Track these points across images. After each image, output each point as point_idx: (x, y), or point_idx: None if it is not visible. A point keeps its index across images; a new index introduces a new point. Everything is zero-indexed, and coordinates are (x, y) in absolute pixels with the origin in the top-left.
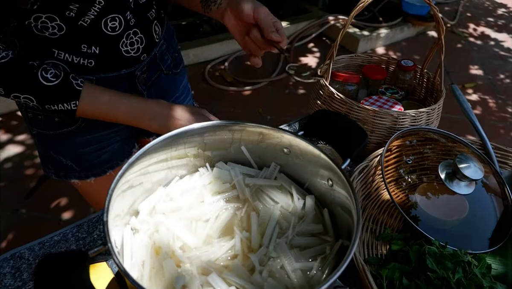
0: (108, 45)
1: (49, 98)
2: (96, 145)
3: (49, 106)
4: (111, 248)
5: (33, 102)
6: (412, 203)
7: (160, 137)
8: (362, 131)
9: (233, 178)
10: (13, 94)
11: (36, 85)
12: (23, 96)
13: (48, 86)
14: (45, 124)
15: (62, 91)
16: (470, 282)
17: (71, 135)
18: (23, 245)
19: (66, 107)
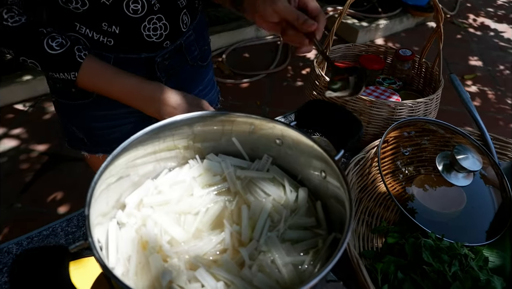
0: (129, 27)
1: (51, 66)
2: (108, 122)
3: (52, 74)
4: (91, 242)
5: (38, 67)
6: (409, 195)
7: (144, 129)
8: (357, 121)
9: (224, 170)
10: (21, 57)
11: (40, 52)
12: (30, 61)
13: (52, 54)
14: (63, 93)
15: (64, 60)
16: (466, 275)
17: (85, 108)
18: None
19: (67, 77)
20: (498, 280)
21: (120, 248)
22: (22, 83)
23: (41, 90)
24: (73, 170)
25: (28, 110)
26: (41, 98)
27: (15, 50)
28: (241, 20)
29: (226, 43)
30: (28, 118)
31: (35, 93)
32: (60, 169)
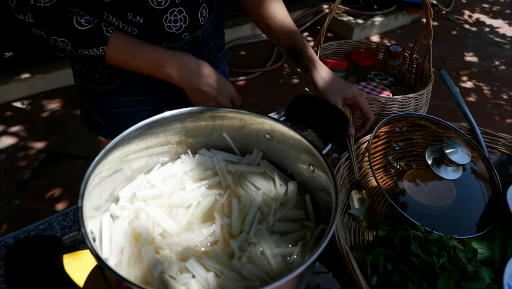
0: (152, 18)
1: (81, 42)
2: (127, 108)
3: (81, 51)
4: (84, 233)
5: (69, 46)
6: (400, 190)
7: (136, 124)
8: (343, 116)
9: (216, 165)
10: (53, 37)
11: (70, 29)
12: (60, 40)
13: (81, 30)
14: (86, 78)
15: (92, 36)
16: (454, 267)
17: (106, 94)
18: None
19: (96, 52)
20: (487, 271)
21: (114, 240)
22: (20, 81)
23: (39, 88)
24: (71, 167)
25: (26, 108)
26: (39, 96)
27: (47, 30)
28: (237, 18)
29: None
30: (26, 116)
31: (33, 91)
32: (58, 166)
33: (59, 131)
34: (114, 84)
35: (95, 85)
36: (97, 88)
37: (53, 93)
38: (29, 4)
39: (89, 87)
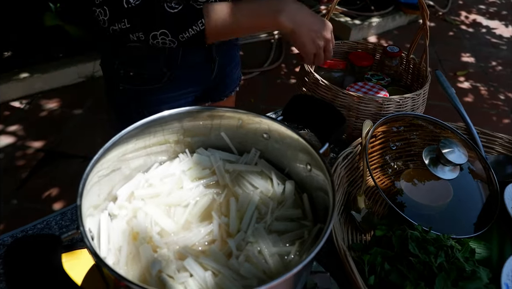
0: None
1: (179, 26)
2: (173, 103)
3: (182, 36)
4: (82, 231)
5: (169, 36)
6: (398, 189)
7: (134, 124)
8: (339, 115)
9: (213, 164)
10: (152, 33)
11: (165, 16)
12: (160, 32)
13: (175, 13)
14: (135, 79)
15: (187, 14)
16: (452, 266)
17: (156, 91)
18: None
19: (196, 30)
20: (484, 271)
21: (112, 238)
22: (19, 81)
23: (37, 87)
24: (68, 166)
25: (25, 107)
26: (38, 95)
27: (145, 29)
28: None
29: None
30: (25, 115)
31: (31, 90)
32: (56, 165)
33: (57, 131)
34: (164, 81)
35: (144, 84)
36: (146, 87)
37: (52, 92)
38: (123, 9)
39: (137, 88)
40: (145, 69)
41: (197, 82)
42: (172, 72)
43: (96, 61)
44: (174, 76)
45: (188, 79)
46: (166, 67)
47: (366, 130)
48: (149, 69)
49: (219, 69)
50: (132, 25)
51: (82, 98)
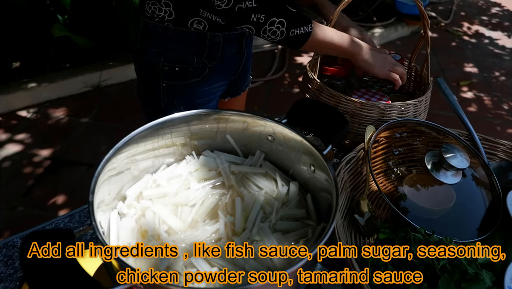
0: None
1: (295, 22)
2: (207, 97)
3: (293, 30)
4: (95, 226)
5: (283, 26)
6: (400, 194)
7: (145, 125)
8: (342, 118)
9: (219, 166)
10: (272, 19)
11: (286, 10)
12: (278, 21)
13: (293, 12)
14: (179, 75)
15: (302, 16)
16: (455, 269)
17: (195, 85)
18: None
19: (306, 30)
20: (487, 274)
21: (121, 236)
22: (26, 90)
23: (44, 97)
24: (74, 174)
25: (32, 116)
26: (45, 104)
27: (267, 12)
28: None
29: None
30: (32, 124)
31: (38, 100)
32: (61, 173)
33: (63, 139)
34: (204, 74)
35: (187, 79)
36: (189, 81)
37: (58, 102)
38: None
39: (181, 83)
40: (190, 63)
41: (229, 74)
42: (212, 64)
43: (102, 71)
44: (213, 69)
45: (223, 71)
46: (207, 59)
47: (369, 135)
48: (194, 62)
49: (244, 62)
50: (259, 5)
51: (88, 107)
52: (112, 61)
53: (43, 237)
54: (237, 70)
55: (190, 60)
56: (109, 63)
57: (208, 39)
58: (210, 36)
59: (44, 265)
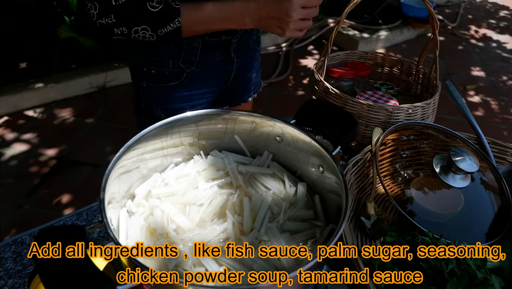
0: None
1: (158, 23)
2: (187, 103)
3: (160, 31)
4: (106, 223)
5: (149, 31)
6: (408, 197)
7: (155, 124)
8: (351, 119)
9: (227, 166)
10: (134, 28)
11: (147, 14)
12: (141, 28)
13: (156, 12)
14: (156, 77)
15: (166, 13)
16: (463, 273)
17: (172, 89)
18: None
19: (173, 26)
20: (497, 279)
21: (130, 234)
22: (33, 90)
23: (51, 97)
24: (79, 174)
25: (38, 116)
26: (51, 105)
27: (128, 24)
28: None
29: None
30: (38, 124)
31: (45, 100)
32: (66, 173)
33: (69, 139)
34: (182, 79)
35: (164, 82)
36: (166, 84)
37: (64, 102)
38: (111, 5)
39: (158, 86)
40: (166, 66)
41: (216, 82)
42: (191, 70)
43: (107, 72)
44: (192, 75)
45: (207, 78)
46: (184, 64)
47: (376, 137)
48: (169, 66)
49: (238, 72)
50: (118, 20)
51: (94, 107)
52: (117, 62)
53: (55, 233)
54: (227, 79)
55: (166, 63)
56: (114, 64)
57: (185, 44)
58: (187, 41)
59: (56, 261)
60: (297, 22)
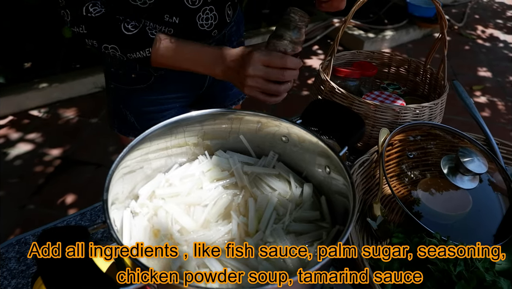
0: (187, 17)
1: (129, 47)
2: (158, 106)
3: (130, 55)
4: (109, 224)
5: (118, 52)
6: (414, 199)
7: (160, 123)
8: (359, 119)
9: (232, 166)
10: (104, 45)
11: (119, 35)
12: (111, 47)
13: (128, 36)
14: (123, 79)
15: (139, 39)
16: (471, 275)
17: (141, 92)
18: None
19: (142, 54)
20: (505, 282)
21: (133, 234)
22: (37, 90)
23: (55, 97)
24: (83, 173)
25: (43, 116)
26: (55, 104)
27: (98, 39)
28: (248, 31)
29: None
30: (43, 123)
31: (49, 100)
32: (70, 172)
33: (73, 139)
34: (149, 83)
35: (131, 84)
36: (133, 87)
37: (69, 102)
38: (82, 16)
39: (125, 88)
40: (133, 69)
41: (188, 87)
42: (159, 74)
43: None
44: (162, 78)
45: (178, 83)
46: (152, 67)
47: (383, 138)
48: (136, 69)
49: (215, 79)
50: (89, 32)
51: (98, 107)
52: None
53: (58, 234)
54: (202, 85)
55: (133, 65)
56: None
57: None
58: None
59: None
60: (257, 80)
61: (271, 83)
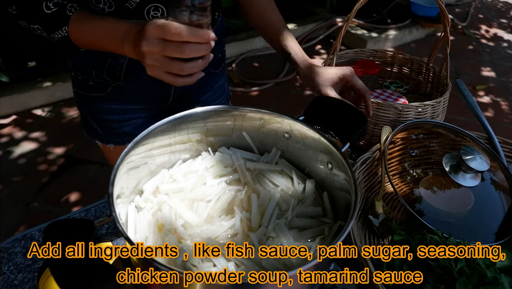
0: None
1: (50, 26)
2: (121, 116)
3: (53, 35)
4: (115, 217)
5: (44, 32)
6: (416, 197)
7: (164, 119)
8: (361, 116)
9: (235, 162)
10: (31, 25)
11: (41, 14)
12: (36, 27)
13: (48, 14)
14: (81, 85)
15: (58, 18)
16: (473, 272)
17: (99, 101)
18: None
19: (62, 33)
20: (506, 279)
21: (138, 229)
22: (41, 89)
23: (59, 96)
24: (87, 172)
25: (46, 115)
26: (59, 103)
27: (26, 19)
28: (250, 30)
29: (236, 53)
30: (46, 122)
31: (53, 99)
32: (74, 171)
33: (76, 138)
34: (107, 92)
35: (90, 92)
36: (92, 94)
37: (72, 101)
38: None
39: (85, 94)
40: (90, 76)
41: (150, 101)
42: (117, 84)
43: None
44: (120, 89)
45: (138, 95)
46: (109, 77)
47: (385, 136)
48: (93, 76)
49: (183, 93)
50: (18, 13)
51: None
52: None
53: (64, 227)
54: (166, 98)
55: (89, 72)
56: None
57: (110, 57)
58: (112, 54)
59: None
60: (156, 58)
61: (173, 60)
